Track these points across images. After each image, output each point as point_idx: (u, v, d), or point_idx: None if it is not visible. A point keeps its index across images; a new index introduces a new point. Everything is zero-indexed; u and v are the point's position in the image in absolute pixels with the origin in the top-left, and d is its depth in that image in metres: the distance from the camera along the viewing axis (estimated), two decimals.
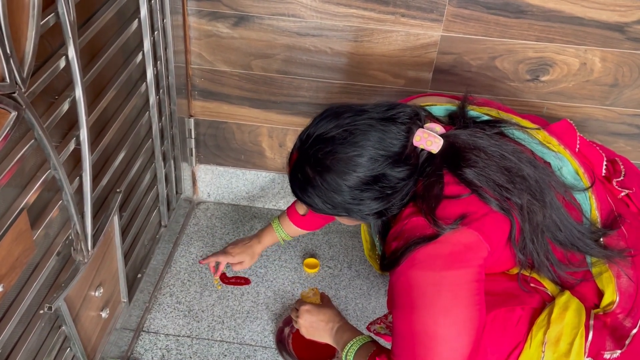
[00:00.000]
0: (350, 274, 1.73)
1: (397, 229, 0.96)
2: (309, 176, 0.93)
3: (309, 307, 1.24)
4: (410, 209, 0.96)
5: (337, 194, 0.93)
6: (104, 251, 1.23)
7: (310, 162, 0.93)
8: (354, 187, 0.92)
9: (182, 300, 1.60)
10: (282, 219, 1.46)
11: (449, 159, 0.94)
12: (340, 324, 1.20)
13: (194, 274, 1.69)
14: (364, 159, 0.91)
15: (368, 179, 0.92)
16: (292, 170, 0.98)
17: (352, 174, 0.91)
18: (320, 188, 0.93)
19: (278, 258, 1.76)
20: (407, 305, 0.93)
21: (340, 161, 0.91)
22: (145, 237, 1.60)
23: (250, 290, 1.65)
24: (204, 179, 1.92)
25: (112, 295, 1.34)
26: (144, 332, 1.51)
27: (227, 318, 1.56)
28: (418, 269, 0.91)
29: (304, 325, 1.23)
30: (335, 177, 0.92)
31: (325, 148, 0.92)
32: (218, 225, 1.88)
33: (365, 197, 0.94)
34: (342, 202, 0.94)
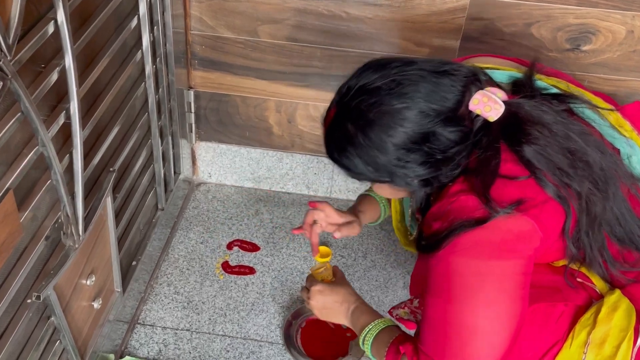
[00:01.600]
0: (365, 264, 1.74)
1: (442, 207, 0.94)
2: (350, 133, 0.91)
3: (321, 286, 1.22)
4: (460, 185, 0.94)
5: (381, 152, 0.91)
6: (96, 236, 1.24)
7: (352, 116, 0.91)
8: (400, 145, 0.90)
9: (181, 291, 1.62)
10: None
11: (508, 132, 0.92)
12: (356, 305, 1.19)
13: (193, 262, 1.70)
14: (412, 112, 0.89)
15: (416, 136, 0.90)
16: (329, 128, 0.95)
17: (399, 129, 0.89)
18: (362, 146, 0.91)
19: (286, 246, 1.78)
20: (445, 294, 0.92)
21: (386, 114, 0.89)
22: (141, 221, 1.61)
23: (255, 281, 1.67)
24: (205, 158, 1.93)
25: (105, 284, 1.35)
26: (139, 324, 1.53)
27: (229, 310, 1.58)
28: (462, 256, 0.90)
29: (316, 307, 1.22)
30: (380, 133, 0.90)
31: (369, 100, 0.90)
32: (220, 208, 1.89)
33: (411, 160, 0.91)
34: (386, 164, 0.92)
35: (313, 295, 1.23)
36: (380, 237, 1.82)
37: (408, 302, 1.32)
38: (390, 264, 1.74)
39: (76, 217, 1.09)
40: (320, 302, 1.22)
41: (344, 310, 1.20)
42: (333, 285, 1.23)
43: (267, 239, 1.79)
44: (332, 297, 1.21)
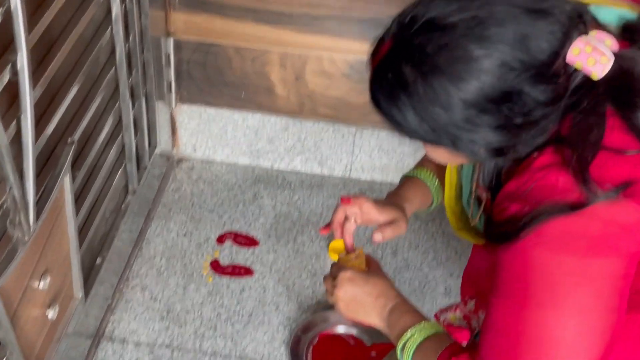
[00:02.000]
0: (395, 263, 1.74)
1: (522, 185, 0.93)
2: (406, 78, 0.90)
3: (352, 274, 1.19)
4: (549, 157, 0.93)
5: (445, 109, 0.90)
6: (50, 226, 1.24)
7: (413, 57, 0.90)
8: (471, 102, 0.89)
9: (159, 297, 1.63)
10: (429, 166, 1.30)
11: (618, 92, 0.90)
12: (396, 302, 1.16)
13: (174, 260, 1.71)
14: (493, 62, 0.88)
15: (494, 94, 0.88)
16: (379, 66, 0.94)
17: (472, 83, 0.88)
18: (420, 98, 0.90)
19: (292, 240, 1.78)
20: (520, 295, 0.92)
21: (458, 61, 0.88)
22: (107, 207, 1.61)
23: (253, 284, 1.67)
24: (188, 126, 1.92)
25: (62, 287, 1.36)
26: (105, 339, 1.54)
27: (221, 322, 1.59)
28: (548, 250, 0.90)
29: (344, 299, 1.19)
30: (447, 84, 0.88)
31: (439, 39, 0.88)
32: (207, 191, 1.89)
33: (483, 122, 0.90)
34: (449, 124, 0.91)
35: (341, 283, 1.19)
36: (414, 230, 1.81)
37: (460, 305, 1.31)
38: (428, 264, 1.73)
39: (26, 202, 1.09)
40: (349, 292, 1.19)
41: (379, 307, 1.17)
42: (367, 275, 1.20)
43: (268, 231, 1.79)
44: (366, 288, 1.18)
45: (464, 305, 1.29)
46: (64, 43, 1.22)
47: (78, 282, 1.42)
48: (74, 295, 1.43)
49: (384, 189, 1.91)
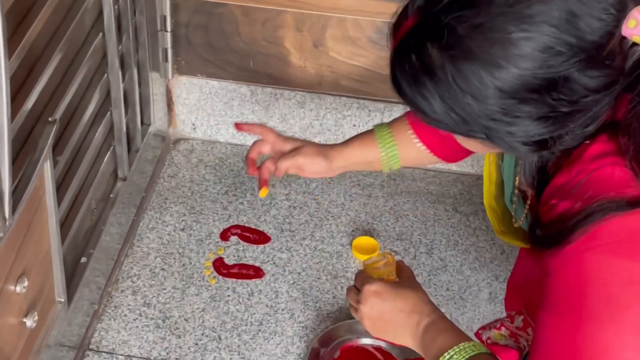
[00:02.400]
0: (431, 264, 1.74)
1: (572, 179, 0.94)
2: (433, 61, 0.91)
3: (379, 286, 1.20)
4: (602, 146, 0.94)
5: (478, 99, 0.90)
6: (29, 219, 1.25)
7: (441, 37, 0.90)
8: (509, 92, 0.90)
9: (153, 302, 1.64)
10: (397, 128, 1.38)
11: None
12: (431, 319, 1.17)
13: (170, 259, 1.72)
14: (536, 46, 0.88)
15: (536, 82, 0.89)
16: (401, 44, 0.95)
17: (510, 70, 0.89)
18: (448, 85, 0.91)
19: (310, 235, 1.78)
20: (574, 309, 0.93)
21: (494, 44, 0.88)
22: (93, 197, 1.61)
23: (263, 288, 1.68)
24: (187, 101, 1.93)
25: (42, 291, 1.37)
26: (91, 351, 1.55)
27: (226, 332, 1.60)
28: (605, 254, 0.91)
29: (370, 316, 1.20)
30: (481, 71, 0.89)
31: (472, 18, 0.89)
32: (210, 178, 1.89)
33: (524, 113, 0.91)
34: (483, 115, 0.92)
35: (366, 297, 1.20)
36: (453, 224, 1.81)
37: (505, 320, 1.32)
38: (470, 265, 1.73)
39: (0, 192, 1.10)
40: (376, 309, 1.20)
41: (412, 325, 1.17)
42: (398, 287, 1.21)
43: (281, 225, 1.79)
44: (396, 303, 1.19)
45: (511, 322, 1.29)
46: (44, 5, 1.22)
47: (60, 284, 1.43)
48: (56, 299, 1.44)
49: (417, 174, 1.91)
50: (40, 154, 1.22)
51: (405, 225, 1.80)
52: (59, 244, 1.37)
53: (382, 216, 1.82)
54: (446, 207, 1.84)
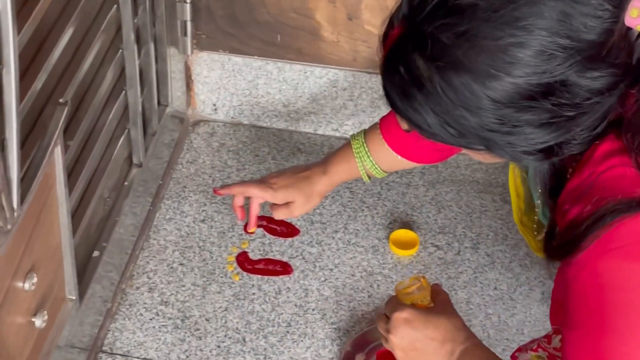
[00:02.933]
0: (476, 260, 1.73)
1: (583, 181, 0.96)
2: (420, 73, 0.93)
3: (410, 313, 1.25)
4: (610, 144, 0.96)
5: (472, 112, 0.93)
6: (38, 210, 1.26)
7: (427, 48, 0.92)
8: (503, 102, 0.92)
9: (171, 300, 1.65)
10: (370, 136, 1.48)
11: None
12: (465, 346, 1.22)
13: (190, 253, 1.73)
14: (528, 51, 0.90)
15: (533, 89, 0.91)
16: (389, 56, 0.98)
17: (503, 80, 0.91)
18: (439, 98, 0.93)
19: (343, 227, 1.78)
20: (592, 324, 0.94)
21: (481, 52, 0.90)
22: (106, 185, 1.62)
23: (292, 286, 1.68)
24: (208, 80, 1.93)
25: (52, 288, 1.38)
26: (104, 353, 1.57)
27: (250, 333, 1.60)
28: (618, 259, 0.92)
29: (401, 346, 1.25)
30: (471, 82, 0.91)
31: (457, 26, 0.91)
32: (232, 163, 1.90)
33: (522, 122, 0.93)
34: (478, 127, 0.94)
35: (396, 326, 1.25)
36: (501, 215, 1.81)
37: (542, 341, 1.32)
38: (520, 261, 1.72)
39: (8, 180, 1.10)
40: (407, 338, 1.24)
41: (446, 354, 1.22)
42: (429, 314, 1.25)
43: (311, 217, 1.79)
44: (427, 331, 1.23)
45: (548, 342, 1.29)
46: None
47: (71, 281, 1.44)
48: (66, 297, 1.45)
49: (461, 160, 1.90)
50: (51, 139, 1.22)
51: (449, 217, 1.80)
52: (70, 237, 1.38)
53: (422, 207, 1.82)
54: (494, 197, 1.84)
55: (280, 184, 1.51)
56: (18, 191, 1.13)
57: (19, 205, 1.14)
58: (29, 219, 1.22)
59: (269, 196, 1.51)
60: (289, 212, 1.52)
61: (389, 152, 1.45)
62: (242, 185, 1.54)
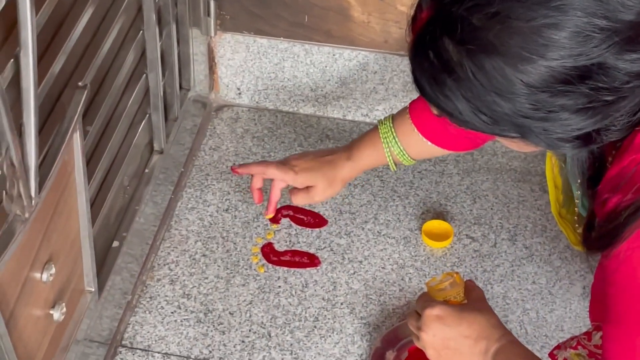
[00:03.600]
0: (514, 252, 1.73)
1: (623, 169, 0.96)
2: (450, 58, 0.94)
3: (442, 309, 1.26)
4: None
5: (505, 97, 0.93)
6: (56, 198, 1.26)
7: (456, 31, 0.93)
8: (538, 86, 0.92)
9: (193, 292, 1.66)
10: (399, 121, 1.48)
11: None
12: (501, 344, 1.22)
13: (213, 244, 1.73)
14: (563, 33, 0.90)
15: (569, 72, 0.91)
16: (417, 40, 0.98)
17: (537, 63, 0.91)
18: (470, 84, 0.94)
19: (373, 218, 1.78)
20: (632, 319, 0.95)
21: (514, 34, 0.91)
22: (125, 173, 1.63)
23: (319, 279, 1.69)
24: (232, 62, 1.93)
25: (71, 280, 1.39)
26: (124, 347, 1.58)
27: (276, 328, 1.61)
28: None
29: (432, 344, 1.26)
30: (503, 66, 0.92)
31: (488, 6, 0.91)
32: (257, 149, 1.90)
33: (557, 107, 0.93)
34: (512, 113, 0.95)
35: (427, 323, 1.25)
36: (540, 206, 1.80)
37: (582, 339, 1.32)
38: (560, 254, 1.72)
39: (26, 167, 1.11)
40: (439, 336, 1.24)
41: (480, 352, 1.22)
42: (462, 310, 1.26)
43: (340, 206, 1.80)
44: (460, 328, 1.23)
45: (588, 339, 1.29)
46: None
47: (90, 272, 1.45)
48: (85, 289, 1.46)
49: (497, 147, 1.90)
50: (70, 124, 1.23)
51: (484, 208, 1.80)
52: (89, 227, 1.39)
53: (456, 196, 1.82)
54: (532, 187, 1.83)
55: (302, 167, 1.52)
56: (36, 178, 1.14)
57: (37, 193, 1.15)
58: (46, 208, 1.23)
59: (290, 178, 1.52)
60: (309, 198, 1.53)
61: (418, 138, 1.45)
62: (261, 165, 1.55)
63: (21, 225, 1.13)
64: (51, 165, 1.19)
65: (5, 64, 1.07)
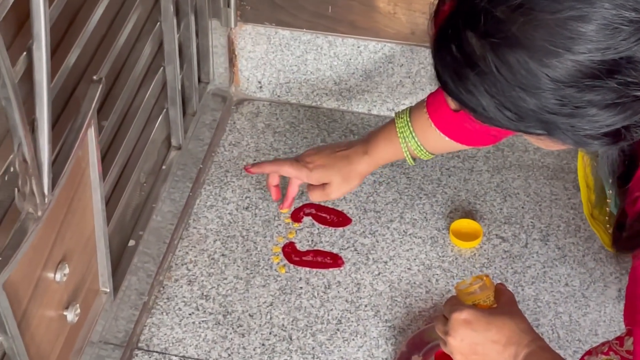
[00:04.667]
0: (546, 253, 1.72)
1: None
2: (473, 52, 0.95)
3: (470, 314, 1.27)
4: None
5: (529, 92, 0.94)
6: (70, 196, 1.27)
7: (479, 24, 0.94)
8: (564, 81, 0.92)
9: (212, 293, 1.66)
10: (416, 115, 1.49)
11: None
12: (530, 349, 1.22)
13: (232, 243, 1.74)
14: (591, 25, 0.90)
15: (596, 66, 0.91)
16: (440, 33, 0.99)
17: (564, 57, 0.91)
18: (494, 78, 0.94)
19: (399, 217, 1.78)
20: None
21: (538, 27, 0.91)
22: (142, 169, 1.63)
23: (342, 280, 1.69)
24: (252, 55, 1.93)
25: (85, 280, 1.40)
26: (140, 350, 1.58)
27: (298, 331, 1.61)
28: None
29: (461, 350, 1.27)
30: (528, 60, 0.92)
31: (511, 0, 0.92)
32: (279, 146, 1.91)
33: (586, 102, 0.94)
34: (537, 109, 0.95)
35: (455, 328, 1.26)
36: (573, 205, 1.79)
37: (614, 344, 1.32)
38: (594, 255, 1.71)
39: (39, 163, 1.12)
40: (467, 341, 1.25)
41: (508, 358, 1.23)
42: (491, 314, 1.26)
43: (364, 204, 1.80)
44: (489, 333, 1.24)
45: (620, 345, 1.29)
46: None
47: (105, 272, 1.46)
48: (100, 289, 1.47)
49: (529, 143, 1.89)
50: (84, 119, 1.23)
51: (515, 206, 1.79)
52: (104, 225, 1.40)
53: (486, 194, 1.81)
54: (565, 185, 1.82)
55: (316, 164, 1.55)
56: (49, 175, 1.14)
57: (50, 190, 1.15)
58: (60, 206, 1.24)
59: (304, 176, 1.56)
60: (325, 195, 1.57)
61: (436, 133, 1.46)
62: (275, 164, 1.59)
63: (34, 223, 1.14)
64: (65, 162, 1.19)
65: (18, 56, 1.07)
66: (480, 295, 1.32)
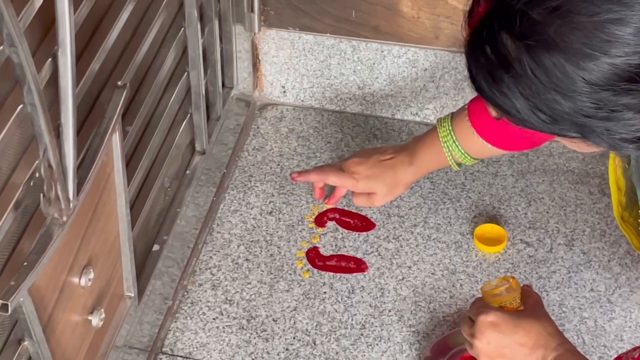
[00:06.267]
0: (571, 258, 1.71)
1: None
2: (509, 53, 0.95)
3: (496, 316, 1.26)
4: None
5: (564, 95, 0.94)
6: (95, 201, 1.28)
7: (515, 26, 0.94)
8: (601, 84, 0.92)
9: (236, 298, 1.66)
10: (458, 123, 1.52)
11: None
12: (558, 352, 1.22)
13: (256, 247, 1.74)
14: (628, 28, 0.90)
15: (631, 70, 0.91)
16: (474, 34, 0.99)
17: (600, 60, 0.91)
18: (529, 81, 0.95)
19: (423, 221, 1.78)
20: None
21: (575, 29, 0.91)
22: (166, 174, 1.64)
23: (366, 285, 1.68)
24: (276, 60, 1.94)
25: (110, 285, 1.41)
26: (164, 355, 1.59)
27: (321, 336, 1.61)
28: None
29: (487, 352, 1.27)
30: (564, 62, 0.92)
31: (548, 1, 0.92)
32: (302, 150, 1.91)
33: (621, 106, 0.93)
34: (572, 112, 0.95)
35: (481, 330, 1.26)
36: (599, 209, 1.78)
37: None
38: (620, 260, 1.70)
39: (64, 169, 1.12)
40: (493, 344, 1.25)
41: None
42: (518, 317, 1.26)
43: (388, 209, 1.79)
44: (516, 336, 1.24)
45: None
46: None
47: (129, 276, 1.47)
48: (124, 294, 1.48)
49: (554, 148, 1.89)
50: (109, 124, 1.24)
51: (540, 211, 1.78)
52: (128, 230, 1.41)
53: (510, 199, 1.81)
54: (591, 189, 1.81)
55: (363, 174, 1.58)
56: (74, 180, 1.15)
57: (75, 195, 1.16)
58: (85, 211, 1.25)
59: (350, 185, 1.60)
60: (370, 203, 1.63)
61: (478, 140, 1.47)
62: (321, 173, 1.63)
63: (59, 228, 1.15)
64: (90, 167, 1.20)
65: (43, 63, 1.08)
66: (507, 298, 1.31)
